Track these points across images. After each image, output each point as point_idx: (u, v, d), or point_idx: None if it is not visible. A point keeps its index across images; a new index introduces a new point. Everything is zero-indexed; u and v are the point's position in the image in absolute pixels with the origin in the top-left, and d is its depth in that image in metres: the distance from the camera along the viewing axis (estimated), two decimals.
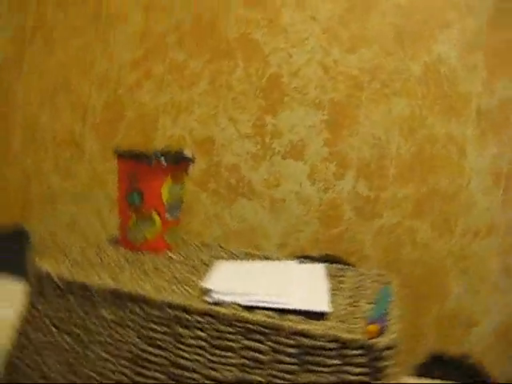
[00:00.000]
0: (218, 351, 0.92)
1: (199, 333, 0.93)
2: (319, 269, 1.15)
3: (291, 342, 0.89)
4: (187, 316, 0.93)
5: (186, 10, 2.19)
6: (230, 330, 0.91)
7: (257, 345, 0.91)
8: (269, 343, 0.90)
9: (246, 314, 0.91)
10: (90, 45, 2.29)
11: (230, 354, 0.92)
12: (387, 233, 2.01)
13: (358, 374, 0.88)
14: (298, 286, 1.03)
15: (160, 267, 1.10)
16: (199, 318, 0.92)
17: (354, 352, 0.88)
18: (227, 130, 2.15)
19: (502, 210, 2.01)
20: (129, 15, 2.24)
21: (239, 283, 1.01)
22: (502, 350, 2.03)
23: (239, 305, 0.94)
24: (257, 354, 0.91)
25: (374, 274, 1.22)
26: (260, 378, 0.90)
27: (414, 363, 2.01)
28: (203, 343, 0.93)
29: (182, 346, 0.94)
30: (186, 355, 0.93)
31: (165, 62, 2.21)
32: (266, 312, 0.93)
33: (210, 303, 0.94)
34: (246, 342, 0.91)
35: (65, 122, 2.32)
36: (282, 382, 0.90)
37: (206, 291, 0.97)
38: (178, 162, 1.17)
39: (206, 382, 0.93)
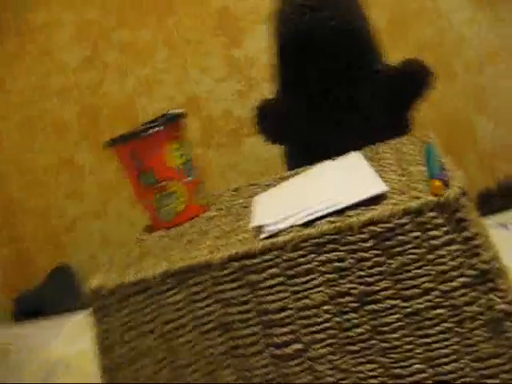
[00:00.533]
0: (298, 280, 0.86)
1: (272, 271, 0.86)
2: (355, 156, 1.07)
3: (364, 235, 0.83)
4: (253, 261, 0.86)
5: None
6: (300, 253, 0.85)
7: (332, 255, 0.84)
8: (344, 248, 0.84)
9: (307, 231, 0.85)
10: (38, 63, 2.20)
11: (310, 276, 0.86)
12: None
13: (443, 235, 0.82)
14: (344, 182, 0.95)
15: (205, 229, 1.03)
16: (265, 257, 0.86)
17: (430, 215, 0.81)
18: (204, 81, 2.07)
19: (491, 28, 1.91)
20: (61, 18, 2.13)
21: (286, 206, 0.94)
22: None
23: (297, 226, 0.87)
24: (336, 264, 0.84)
25: (409, 140, 1.14)
26: (351, 285, 0.84)
27: None
28: (281, 279, 0.86)
29: (262, 292, 0.88)
30: (271, 298, 0.87)
31: (114, 47, 2.11)
32: (326, 220, 0.86)
33: (268, 238, 0.87)
34: (321, 258, 0.85)
35: (51, 146, 2.24)
36: (375, 277, 0.84)
37: (259, 229, 0.90)
38: (170, 122, 1.09)
39: (301, 313, 0.87)
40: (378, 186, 0.87)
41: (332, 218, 0.86)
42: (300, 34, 1.26)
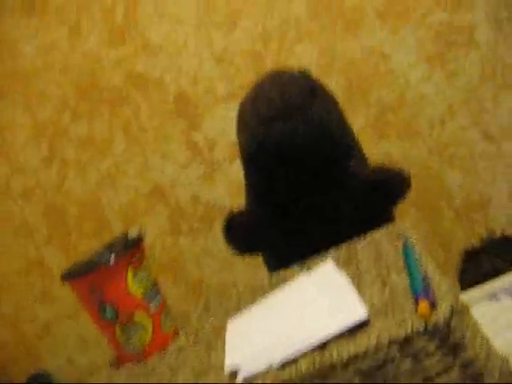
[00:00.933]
0: None
1: None
2: (328, 266, 0.96)
3: (350, 371, 0.72)
4: None
5: (56, 80, 1.99)
6: None
7: None
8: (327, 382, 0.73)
9: (286, 373, 0.73)
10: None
11: None
12: None
13: (438, 362, 0.71)
14: (320, 306, 0.84)
15: (176, 364, 0.91)
16: None
17: (421, 342, 0.71)
18: (167, 169, 1.97)
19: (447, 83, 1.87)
20: (15, 119, 2.04)
21: (261, 342, 0.83)
22: None
23: (275, 366, 0.75)
24: None
25: (386, 233, 1.04)
26: None
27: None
28: None
29: None
30: None
31: (72, 143, 2.01)
32: (307, 357, 0.75)
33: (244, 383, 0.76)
34: None
35: (18, 248, 2.12)
36: None
37: (233, 372, 0.79)
38: (127, 248, 0.98)
39: None
40: (357, 311, 0.76)
41: (313, 354, 0.74)
42: (269, 146, 1.16)
